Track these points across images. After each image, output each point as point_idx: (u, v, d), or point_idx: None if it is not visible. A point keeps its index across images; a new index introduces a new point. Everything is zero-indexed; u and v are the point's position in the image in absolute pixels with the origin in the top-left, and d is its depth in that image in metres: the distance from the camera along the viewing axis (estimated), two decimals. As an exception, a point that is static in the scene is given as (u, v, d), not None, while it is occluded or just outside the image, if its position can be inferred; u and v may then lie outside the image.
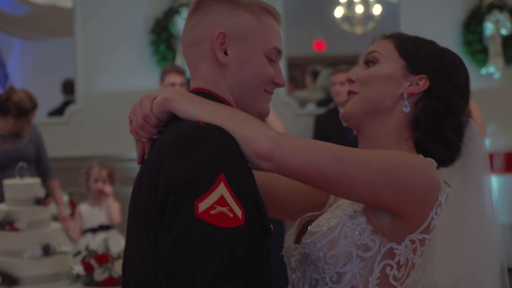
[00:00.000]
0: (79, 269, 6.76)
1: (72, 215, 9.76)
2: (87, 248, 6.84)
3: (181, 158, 2.58)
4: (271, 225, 2.79)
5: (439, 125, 2.86)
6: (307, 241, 2.83)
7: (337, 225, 2.77)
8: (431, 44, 2.96)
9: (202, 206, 2.50)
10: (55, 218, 8.49)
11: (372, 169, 2.64)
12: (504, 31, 13.85)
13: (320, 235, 2.78)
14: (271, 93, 2.95)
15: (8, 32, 16.94)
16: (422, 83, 2.85)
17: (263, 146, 2.59)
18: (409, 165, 2.72)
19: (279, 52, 2.91)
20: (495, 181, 13.39)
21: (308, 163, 2.62)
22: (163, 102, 2.72)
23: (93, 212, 9.40)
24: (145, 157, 2.82)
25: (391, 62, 2.89)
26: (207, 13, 2.83)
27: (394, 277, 2.78)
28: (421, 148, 2.91)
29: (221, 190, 2.53)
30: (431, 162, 2.81)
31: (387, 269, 2.76)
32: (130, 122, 2.82)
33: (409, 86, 2.86)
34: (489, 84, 14.00)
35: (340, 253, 2.74)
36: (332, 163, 2.62)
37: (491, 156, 13.71)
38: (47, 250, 6.66)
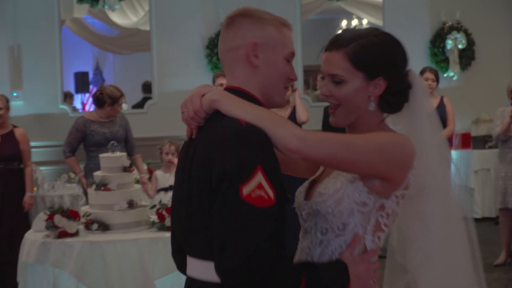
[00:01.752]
0: (154, 218, 6.76)
1: (150, 179, 9.84)
2: (160, 202, 6.85)
3: (229, 154, 2.59)
4: (289, 195, 2.85)
5: (398, 97, 2.91)
6: (318, 200, 2.85)
7: (341, 187, 2.80)
8: (373, 41, 2.90)
9: (245, 190, 2.54)
10: (137, 182, 8.54)
11: (370, 151, 2.69)
12: (460, 46, 13.93)
13: (328, 196, 2.81)
14: (287, 88, 2.96)
15: (103, 48, 16.97)
16: (381, 83, 2.86)
17: (292, 144, 2.62)
18: (394, 143, 2.77)
19: (293, 54, 2.95)
20: (454, 154, 13.35)
21: (326, 154, 2.66)
22: (211, 102, 2.72)
23: (165, 176, 9.44)
24: (193, 136, 2.81)
25: (353, 80, 2.87)
26: (240, 27, 2.86)
27: (384, 224, 2.83)
28: (386, 108, 2.95)
29: (259, 177, 2.56)
30: (408, 138, 2.82)
31: (380, 218, 2.81)
32: (182, 112, 2.83)
33: (374, 90, 2.87)
34: (449, 84, 14.02)
35: (344, 209, 2.79)
36: (343, 152, 2.66)
37: (450, 136, 13.66)
38: (131, 204, 6.67)
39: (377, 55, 2.87)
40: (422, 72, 10.46)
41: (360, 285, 2.79)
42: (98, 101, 9.31)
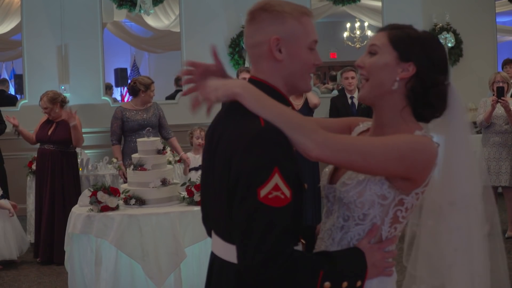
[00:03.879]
0: (184, 194, 6.76)
1: (180, 160, 9.90)
2: (189, 180, 6.87)
3: (246, 155, 2.44)
4: (305, 184, 2.71)
5: (426, 96, 2.69)
6: (342, 190, 2.70)
7: (364, 180, 2.64)
8: (417, 33, 2.75)
9: (263, 192, 2.39)
10: (169, 162, 8.53)
11: (389, 159, 2.52)
12: (450, 44, 13.83)
13: (351, 187, 2.66)
14: (313, 72, 2.81)
15: (140, 48, 16.95)
16: (411, 69, 2.67)
17: (312, 152, 2.45)
18: (414, 150, 2.57)
19: (316, 42, 2.76)
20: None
21: (344, 161, 2.51)
22: (233, 95, 2.53)
23: (195, 158, 9.48)
24: (207, 114, 2.63)
25: (386, 54, 2.70)
26: (261, 22, 2.67)
27: (402, 217, 2.67)
28: (415, 111, 2.74)
29: (276, 179, 2.40)
30: (429, 138, 2.66)
31: (398, 212, 2.66)
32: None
33: (401, 72, 2.68)
34: (440, 78, 13.92)
35: (366, 200, 2.64)
36: (360, 161, 2.50)
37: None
38: (164, 182, 6.67)
39: (415, 42, 2.70)
40: None
41: (376, 272, 2.65)
42: (133, 90, 9.39)
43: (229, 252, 2.59)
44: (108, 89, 15.40)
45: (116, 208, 6.61)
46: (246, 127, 2.50)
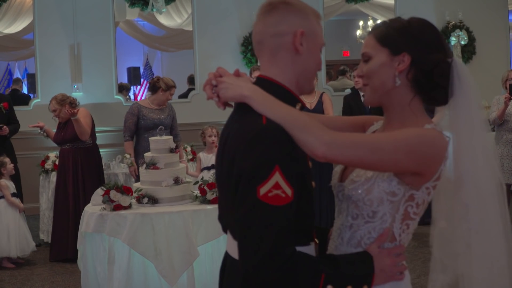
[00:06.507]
0: (197, 192, 6.77)
1: (193, 159, 9.88)
2: (202, 179, 6.86)
3: (247, 153, 2.41)
4: (313, 182, 2.69)
5: (430, 79, 2.64)
6: (350, 187, 2.67)
7: (372, 177, 2.61)
8: (401, 23, 2.72)
9: (262, 190, 2.36)
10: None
11: (398, 153, 2.48)
12: (463, 42, 13.88)
13: (359, 184, 2.63)
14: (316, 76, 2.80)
15: (152, 46, 16.96)
16: (406, 59, 2.64)
17: (318, 150, 2.42)
18: (424, 143, 2.53)
19: (324, 46, 2.76)
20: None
21: (352, 158, 2.47)
22: (243, 98, 2.54)
23: (208, 156, 9.47)
24: (222, 108, 2.67)
25: (379, 54, 2.68)
26: (285, 14, 2.64)
27: (414, 213, 2.63)
28: (427, 97, 2.71)
29: (276, 177, 2.37)
30: (439, 131, 2.61)
31: (409, 208, 2.61)
32: (209, 84, 2.71)
33: (398, 65, 2.65)
34: (453, 76, 13.93)
35: (375, 198, 2.60)
36: (369, 155, 2.47)
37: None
38: (176, 181, 6.67)
39: (401, 32, 2.68)
40: None
41: (384, 278, 2.59)
42: (154, 86, 9.40)
43: (237, 250, 2.54)
44: (125, 89, 15.45)
45: (129, 207, 6.62)
46: (249, 125, 2.49)
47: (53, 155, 10.32)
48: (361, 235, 2.67)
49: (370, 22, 16.34)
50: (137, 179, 8.29)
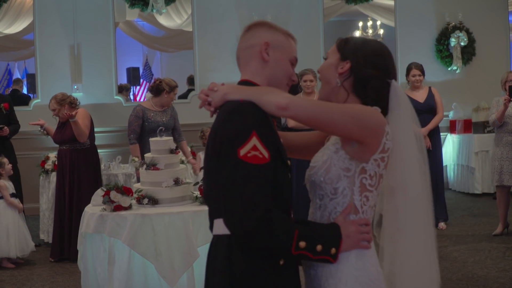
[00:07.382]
0: (197, 193, 6.78)
1: (193, 159, 9.88)
2: (202, 179, 6.85)
3: (227, 123, 2.81)
4: (289, 161, 3.03)
5: (364, 88, 3.04)
6: (311, 173, 3.03)
7: (327, 159, 2.96)
8: (361, 39, 3.18)
9: (242, 151, 2.73)
10: (182, 162, 8.53)
11: (346, 116, 2.83)
12: (462, 43, 13.98)
13: (318, 167, 2.99)
14: (289, 86, 3.17)
15: (152, 47, 17.00)
16: (346, 65, 3.05)
17: (282, 102, 2.80)
18: (366, 110, 2.90)
19: (296, 60, 3.16)
20: (457, 138, 13.52)
21: (309, 114, 2.82)
22: (224, 96, 2.91)
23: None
24: (210, 116, 3.03)
25: (333, 57, 3.12)
26: (256, 31, 3.11)
27: (369, 185, 2.96)
28: (364, 103, 3.05)
29: (254, 141, 2.75)
30: (377, 109, 2.98)
31: (363, 180, 2.94)
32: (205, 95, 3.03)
33: (340, 68, 3.06)
34: (453, 77, 14.06)
35: (333, 176, 2.95)
36: (324, 115, 2.83)
37: (454, 122, 13.66)
38: (177, 182, 6.69)
39: (353, 44, 3.10)
40: (409, 69, 10.73)
41: (351, 244, 2.89)
42: (157, 89, 9.33)
43: (222, 226, 2.87)
44: (125, 90, 15.46)
45: (129, 207, 6.63)
46: (228, 105, 2.88)
47: (53, 156, 10.32)
48: (329, 212, 3.01)
49: (370, 23, 16.37)
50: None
